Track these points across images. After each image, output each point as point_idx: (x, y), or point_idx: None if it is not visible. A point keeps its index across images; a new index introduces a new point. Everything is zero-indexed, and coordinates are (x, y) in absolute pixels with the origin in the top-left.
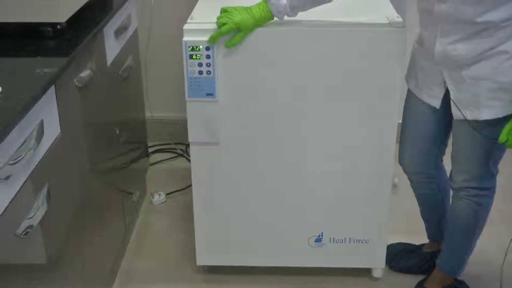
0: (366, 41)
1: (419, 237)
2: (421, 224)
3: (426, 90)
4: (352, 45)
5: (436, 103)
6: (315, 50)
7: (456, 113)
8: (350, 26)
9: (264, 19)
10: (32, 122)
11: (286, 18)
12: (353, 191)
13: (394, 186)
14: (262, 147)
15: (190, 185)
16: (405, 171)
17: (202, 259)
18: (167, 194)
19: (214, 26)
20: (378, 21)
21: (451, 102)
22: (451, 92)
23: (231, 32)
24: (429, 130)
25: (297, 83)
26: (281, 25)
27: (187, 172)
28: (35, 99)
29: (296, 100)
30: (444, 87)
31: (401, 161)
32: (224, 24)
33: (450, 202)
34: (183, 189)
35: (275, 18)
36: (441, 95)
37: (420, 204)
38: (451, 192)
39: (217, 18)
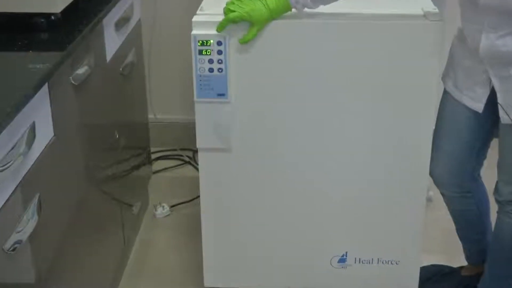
0: (398, 36)
1: (457, 258)
2: (459, 243)
3: (467, 92)
4: (382, 40)
5: (479, 106)
6: (340, 46)
7: (503, 117)
8: (380, 19)
9: (280, 9)
10: (23, 125)
11: (305, 10)
12: (381, 205)
13: (429, 200)
14: (279, 155)
15: (198, 197)
16: (436, 184)
17: (210, 280)
18: (172, 206)
19: None
20: (412, 12)
21: (498, 106)
22: (498, 94)
23: (240, 21)
24: (466, 138)
25: (320, 83)
26: (302, 18)
27: (195, 182)
28: (26, 98)
29: (318, 102)
30: (489, 88)
31: (432, 172)
32: (233, 11)
33: (496, 218)
34: (189, 200)
35: (293, 10)
36: (485, 98)
37: (455, 222)
38: (496, 207)
39: (226, 4)
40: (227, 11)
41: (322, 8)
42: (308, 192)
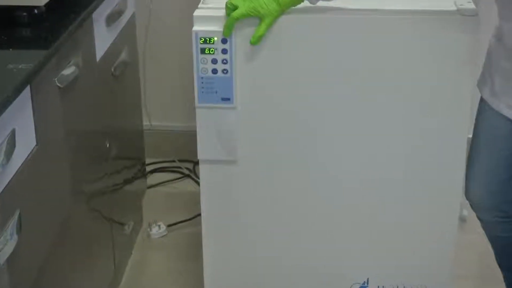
0: (428, 33)
1: (495, 285)
2: (497, 268)
3: (506, 98)
4: (409, 38)
5: None
6: (362, 45)
7: None
8: (407, 14)
9: (291, 1)
10: (1, 132)
11: (320, 3)
12: (408, 226)
13: (463, 220)
14: (292, 168)
15: (199, 215)
16: (473, 208)
17: None
18: (169, 225)
19: None
20: (443, 7)
21: None
22: None
23: (246, 17)
24: (507, 153)
25: (338, 86)
26: (319, 12)
27: (195, 198)
28: (6, 103)
29: (336, 108)
30: None
31: (467, 194)
32: (236, 7)
33: None
34: (189, 219)
35: (306, 2)
36: None
37: (494, 248)
38: None
39: None
40: (229, 5)
41: (340, 2)
42: (324, 210)
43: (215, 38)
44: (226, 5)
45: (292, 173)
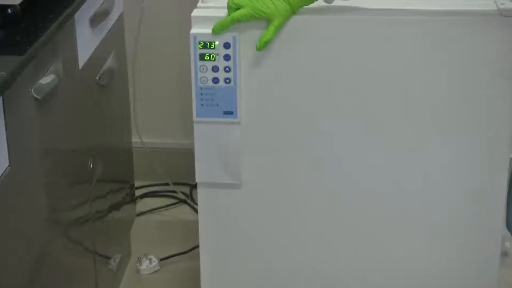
0: (463, 37)
1: None
2: None
3: None
4: (441, 43)
5: None
6: (386, 50)
7: None
8: (438, 15)
9: (303, 0)
10: None
11: (337, 2)
12: (442, 262)
13: (505, 254)
14: (303, 193)
15: (196, 247)
16: None
17: None
18: (162, 259)
19: None
20: (481, 7)
21: None
22: None
23: (248, 20)
24: None
25: (357, 98)
26: (336, 13)
27: (192, 227)
28: None
29: (354, 123)
30: None
31: (509, 224)
32: (240, 6)
33: None
34: (185, 252)
35: (320, 1)
36: None
37: None
38: None
39: None
40: (232, 4)
41: (360, 1)
42: (341, 243)
43: (217, 43)
44: (228, 4)
45: (304, 199)
